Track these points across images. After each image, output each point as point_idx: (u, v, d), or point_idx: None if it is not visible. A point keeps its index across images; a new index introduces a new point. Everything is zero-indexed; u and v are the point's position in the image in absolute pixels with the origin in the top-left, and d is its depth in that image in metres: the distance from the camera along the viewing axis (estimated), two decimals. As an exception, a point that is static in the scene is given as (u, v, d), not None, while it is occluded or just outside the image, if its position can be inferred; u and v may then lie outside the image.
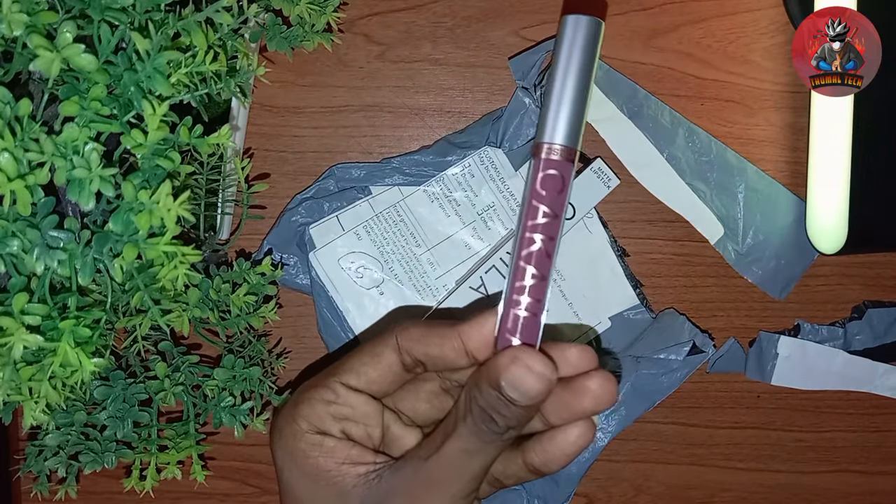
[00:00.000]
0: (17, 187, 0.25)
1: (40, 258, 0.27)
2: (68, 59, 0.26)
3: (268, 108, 0.46)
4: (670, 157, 0.45)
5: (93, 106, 0.27)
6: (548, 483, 0.45)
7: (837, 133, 0.42)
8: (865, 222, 0.43)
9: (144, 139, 0.28)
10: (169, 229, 0.27)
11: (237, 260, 0.40)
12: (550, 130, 0.28)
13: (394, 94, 0.46)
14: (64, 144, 0.26)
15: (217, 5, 0.31)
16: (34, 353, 0.28)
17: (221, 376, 0.39)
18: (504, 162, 0.45)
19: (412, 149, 0.46)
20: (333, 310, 0.45)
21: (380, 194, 0.45)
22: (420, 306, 0.45)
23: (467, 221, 0.45)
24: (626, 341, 0.46)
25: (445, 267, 0.45)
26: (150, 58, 0.27)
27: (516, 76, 0.44)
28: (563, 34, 0.28)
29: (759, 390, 0.48)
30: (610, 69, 0.45)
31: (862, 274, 0.47)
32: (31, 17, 0.26)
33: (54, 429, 0.38)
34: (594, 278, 0.45)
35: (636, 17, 0.45)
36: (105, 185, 0.27)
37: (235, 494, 0.48)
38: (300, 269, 0.45)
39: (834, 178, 0.43)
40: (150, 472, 0.39)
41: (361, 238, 0.45)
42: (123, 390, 0.38)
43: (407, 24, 0.45)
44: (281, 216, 0.45)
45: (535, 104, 0.43)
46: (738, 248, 0.46)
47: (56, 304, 0.28)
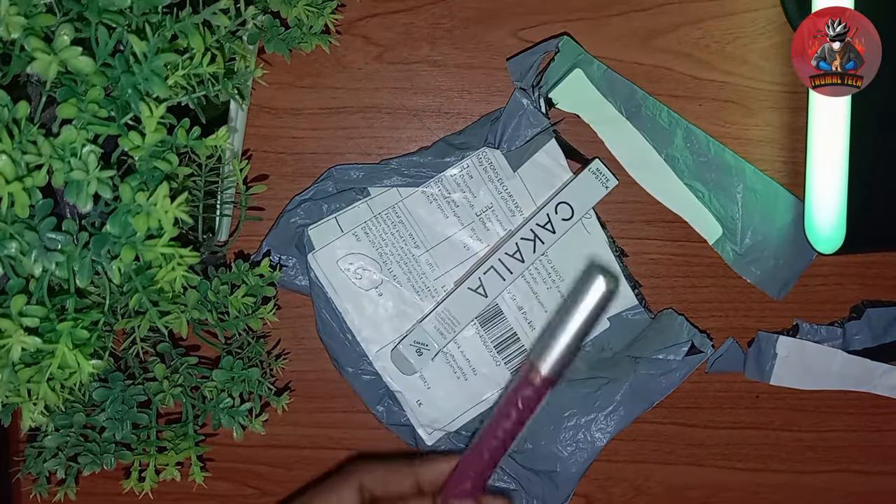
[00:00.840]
0: (14, 189, 0.25)
1: (38, 260, 0.27)
2: (66, 62, 0.26)
3: (266, 110, 0.46)
4: (668, 158, 0.45)
5: (90, 108, 0.27)
6: (547, 483, 0.45)
7: (835, 133, 0.42)
8: (864, 222, 0.43)
9: (142, 141, 0.28)
10: (167, 231, 0.27)
11: (236, 261, 0.40)
12: (546, 360, 0.33)
13: (392, 96, 0.46)
14: (62, 146, 0.26)
15: (214, 7, 0.31)
16: (33, 355, 0.28)
17: (220, 378, 0.39)
18: (502, 163, 0.45)
19: (411, 150, 0.46)
20: (332, 311, 0.45)
21: (378, 195, 0.45)
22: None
23: (466, 222, 0.45)
24: (624, 341, 0.46)
25: (444, 268, 0.45)
26: (147, 60, 0.28)
27: (514, 77, 0.44)
28: (589, 293, 0.32)
29: (759, 390, 0.48)
30: (608, 70, 0.45)
31: (860, 274, 0.47)
32: (28, 20, 0.26)
33: (53, 430, 0.38)
34: (592, 279, 0.45)
35: (635, 18, 0.45)
36: (103, 187, 0.27)
37: (234, 496, 0.48)
38: (299, 271, 0.46)
39: (832, 178, 0.43)
40: (149, 473, 0.39)
41: (360, 239, 0.45)
42: (122, 392, 0.38)
43: (405, 26, 0.45)
44: (280, 217, 0.45)
45: (533, 105, 0.43)
46: (736, 249, 0.46)
47: (54, 305, 0.28)
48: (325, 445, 0.48)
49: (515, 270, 0.44)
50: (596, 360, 0.46)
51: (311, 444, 0.48)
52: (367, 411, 0.47)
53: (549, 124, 0.44)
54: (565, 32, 0.45)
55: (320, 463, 0.48)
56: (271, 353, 0.47)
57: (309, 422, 0.48)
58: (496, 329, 0.45)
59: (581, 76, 0.45)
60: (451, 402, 0.46)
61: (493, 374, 0.46)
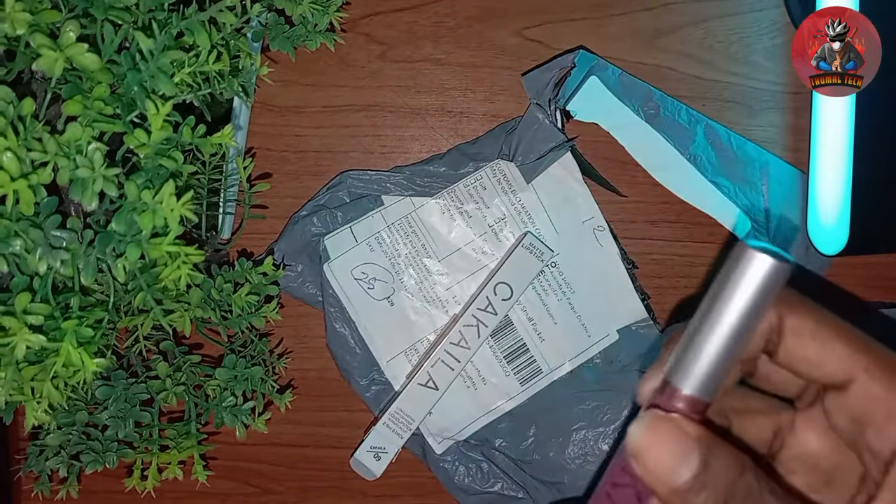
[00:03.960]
0: (20, 187, 0.25)
1: (43, 258, 0.27)
2: (71, 59, 0.26)
3: (270, 108, 0.46)
4: (691, 157, 0.45)
5: (96, 105, 0.27)
6: (555, 494, 0.45)
7: (839, 134, 0.42)
8: (867, 224, 0.43)
9: (148, 139, 0.28)
10: (172, 229, 0.27)
11: (239, 260, 0.40)
12: (690, 375, 0.22)
13: (395, 94, 0.46)
14: (67, 144, 0.26)
15: (220, 5, 0.31)
16: (36, 353, 0.27)
17: (223, 376, 0.39)
18: (516, 175, 0.45)
19: (414, 148, 0.46)
20: (345, 321, 0.45)
21: (392, 205, 0.45)
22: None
23: (478, 233, 0.45)
24: (633, 354, 0.46)
25: (455, 278, 0.45)
26: (153, 57, 0.27)
27: (530, 94, 0.44)
28: (745, 277, 0.22)
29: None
30: (623, 73, 0.45)
31: (862, 275, 0.47)
32: (34, 16, 0.26)
33: (56, 428, 0.38)
34: (604, 291, 0.45)
35: (639, 18, 0.45)
36: (108, 185, 0.26)
37: (237, 494, 0.48)
38: (307, 278, 0.45)
39: (835, 179, 0.43)
40: (152, 471, 0.39)
41: (374, 249, 0.45)
42: (125, 390, 0.38)
43: (409, 24, 0.45)
44: (291, 222, 0.45)
45: (549, 119, 0.43)
46: (766, 241, 0.46)
47: (59, 303, 0.28)
48: (328, 444, 0.48)
49: (463, 358, 0.44)
50: (605, 373, 0.46)
51: (313, 442, 0.48)
52: (368, 410, 0.46)
53: (565, 139, 0.43)
54: (571, 36, 0.45)
55: (322, 461, 0.48)
56: (274, 351, 0.46)
57: (311, 420, 0.48)
58: (506, 340, 0.45)
59: (597, 83, 0.44)
60: (460, 411, 0.46)
61: (502, 384, 0.46)
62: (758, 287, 0.21)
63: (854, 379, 0.23)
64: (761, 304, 0.22)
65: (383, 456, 0.44)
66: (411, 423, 0.44)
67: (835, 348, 0.24)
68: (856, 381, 0.23)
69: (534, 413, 0.46)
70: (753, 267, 0.21)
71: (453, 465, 0.46)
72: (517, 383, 0.46)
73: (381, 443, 0.44)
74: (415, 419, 0.44)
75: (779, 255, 0.21)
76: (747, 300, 0.22)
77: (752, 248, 0.21)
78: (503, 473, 0.46)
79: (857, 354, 0.23)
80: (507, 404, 0.46)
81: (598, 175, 0.45)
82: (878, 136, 0.43)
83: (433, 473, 0.46)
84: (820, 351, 0.24)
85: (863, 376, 0.23)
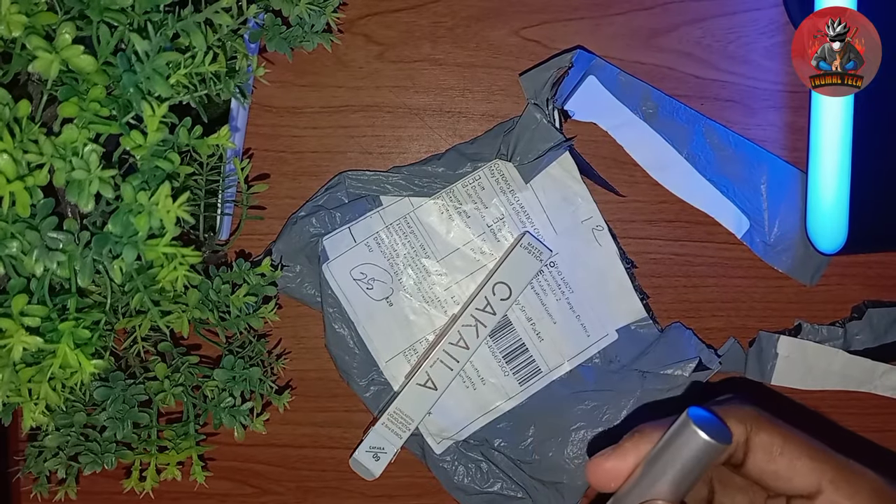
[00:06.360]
0: (16, 189, 0.25)
1: (39, 260, 0.27)
2: (67, 61, 0.26)
3: (267, 109, 0.46)
4: (689, 156, 0.45)
5: (92, 107, 0.27)
6: (553, 494, 0.45)
7: (837, 133, 0.42)
8: (866, 222, 0.43)
9: (144, 140, 0.28)
10: (169, 231, 0.27)
11: (237, 260, 0.40)
12: None
13: (393, 95, 0.46)
14: (63, 146, 0.26)
15: (216, 6, 0.31)
16: (34, 355, 0.28)
17: (221, 377, 0.39)
18: (514, 175, 0.45)
19: (412, 148, 0.46)
20: (345, 322, 0.45)
21: (390, 205, 0.45)
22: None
23: (477, 233, 0.45)
24: (632, 354, 0.46)
25: (454, 278, 0.45)
26: (149, 59, 0.27)
27: (527, 94, 0.44)
28: (685, 443, 0.25)
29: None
30: (621, 72, 0.45)
31: (862, 273, 0.47)
32: (30, 18, 0.26)
33: (54, 430, 0.38)
34: (603, 291, 0.45)
35: (637, 17, 0.45)
36: (104, 187, 0.26)
37: (235, 495, 0.48)
38: (305, 279, 0.45)
39: (834, 177, 0.43)
40: (150, 472, 0.39)
41: (372, 250, 0.45)
42: (123, 391, 0.38)
43: (407, 24, 0.45)
44: (289, 222, 0.45)
45: (547, 119, 0.43)
46: (765, 240, 0.46)
47: (55, 305, 0.28)
48: (326, 444, 0.48)
49: (462, 358, 0.44)
50: (604, 373, 0.46)
51: (311, 443, 0.48)
52: (367, 410, 0.46)
53: (563, 139, 0.43)
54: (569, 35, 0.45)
55: (321, 462, 0.48)
56: (272, 352, 0.46)
57: (309, 421, 0.48)
58: (505, 340, 0.45)
59: (595, 83, 0.44)
60: (459, 411, 0.46)
61: (501, 384, 0.46)
62: (692, 458, 0.24)
63: (821, 490, 0.25)
64: (695, 472, 0.24)
65: (382, 456, 0.44)
66: (410, 423, 0.44)
67: (802, 463, 0.26)
68: (822, 493, 0.25)
69: (533, 413, 0.46)
70: (692, 440, 0.24)
71: (452, 465, 0.46)
72: (516, 383, 0.46)
73: (380, 443, 0.44)
74: (414, 419, 0.44)
75: (719, 432, 0.24)
76: (681, 467, 0.24)
77: (694, 422, 0.24)
78: (502, 473, 0.46)
79: (823, 466, 0.26)
80: (506, 404, 0.46)
81: (597, 175, 0.45)
82: (878, 135, 0.43)
83: (432, 473, 0.46)
84: (788, 466, 0.26)
85: (829, 487, 0.25)
